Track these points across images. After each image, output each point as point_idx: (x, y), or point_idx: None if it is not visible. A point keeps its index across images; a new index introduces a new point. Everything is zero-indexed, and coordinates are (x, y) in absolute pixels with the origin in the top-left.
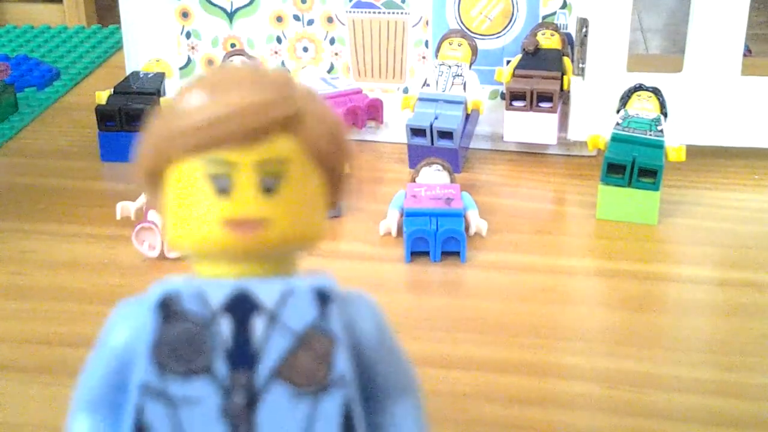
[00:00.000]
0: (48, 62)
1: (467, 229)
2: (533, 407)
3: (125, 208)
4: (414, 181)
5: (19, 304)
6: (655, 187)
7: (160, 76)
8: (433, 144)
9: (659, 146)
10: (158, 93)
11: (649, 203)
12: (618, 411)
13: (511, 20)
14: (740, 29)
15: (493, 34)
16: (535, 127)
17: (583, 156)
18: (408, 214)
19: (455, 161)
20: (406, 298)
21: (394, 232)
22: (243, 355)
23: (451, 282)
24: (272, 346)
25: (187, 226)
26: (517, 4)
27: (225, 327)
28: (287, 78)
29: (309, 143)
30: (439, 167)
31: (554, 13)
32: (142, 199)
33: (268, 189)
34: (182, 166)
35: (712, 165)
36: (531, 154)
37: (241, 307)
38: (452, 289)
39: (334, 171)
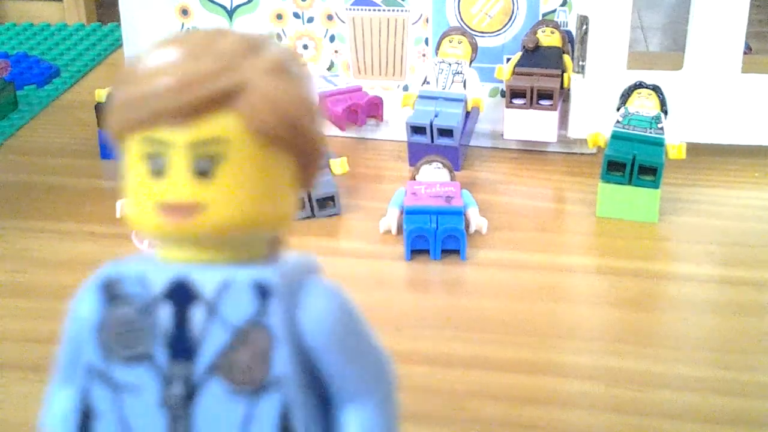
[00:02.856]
0: (48, 60)
1: (467, 227)
2: (533, 405)
3: (125, 207)
4: (414, 179)
5: (19, 303)
6: (655, 184)
7: None
8: (433, 142)
9: (659, 144)
10: None
11: (649, 201)
12: (618, 409)
13: (511, 18)
14: (740, 27)
15: (493, 32)
16: (535, 124)
17: (584, 154)
18: (408, 212)
19: (455, 159)
20: (406, 296)
21: (394, 230)
22: (182, 345)
23: (451, 280)
24: (210, 339)
25: (132, 205)
26: (517, 1)
27: (165, 314)
28: (246, 46)
29: (252, 121)
30: (439, 165)
31: (554, 11)
32: None
33: (203, 172)
34: (127, 140)
35: (712, 163)
36: (531, 151)
37: (181, 294)
38: (452, 287)
39: (298, 153)
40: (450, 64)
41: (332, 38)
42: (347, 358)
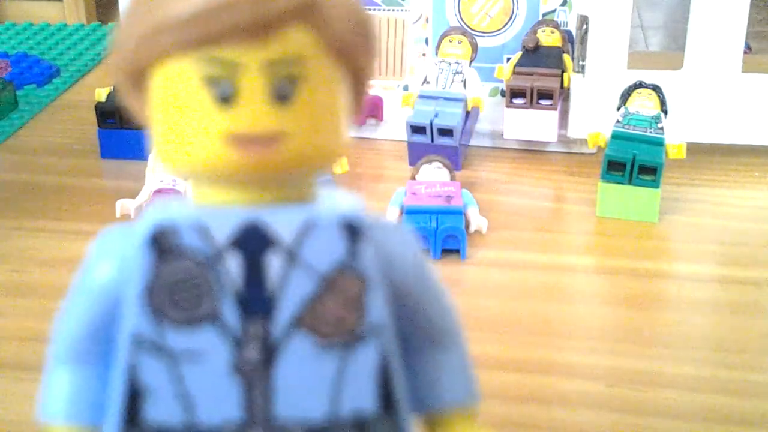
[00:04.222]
0: (48, 59)
1: (467, 226)
2: (533, 405)
3: (125, 206)
4: (414, 179)
5: (18, 302)
6: (655, 184)
7: None
8: (433, 141)
9: (659, 143)
10: None
11: (649, 201)
12: (618, 408)
13: (511, 17)
14: (740, 26)
15: (494, 32)
16: (535, 124)
17: (584, 153)
18: (408, 212)
19: (455, 159)
20: None
21: None
22: (257, 299)
23: (451, 280)
24: (292, 290)
25: (181, 142)
26: (517, 1)
27: (234, 266)
28: None
29: (330, 35)
30: (439, 165)
31: (554, 11)
32: (142, 197)
33: (283, 96)
34: (172, 65)
35: (712, 162)
36: (531, 151)
37: (253, 241)
38: (452, 286)
39: (357, 70)
40: (450, 64)
41: None
42: (435, 294)
